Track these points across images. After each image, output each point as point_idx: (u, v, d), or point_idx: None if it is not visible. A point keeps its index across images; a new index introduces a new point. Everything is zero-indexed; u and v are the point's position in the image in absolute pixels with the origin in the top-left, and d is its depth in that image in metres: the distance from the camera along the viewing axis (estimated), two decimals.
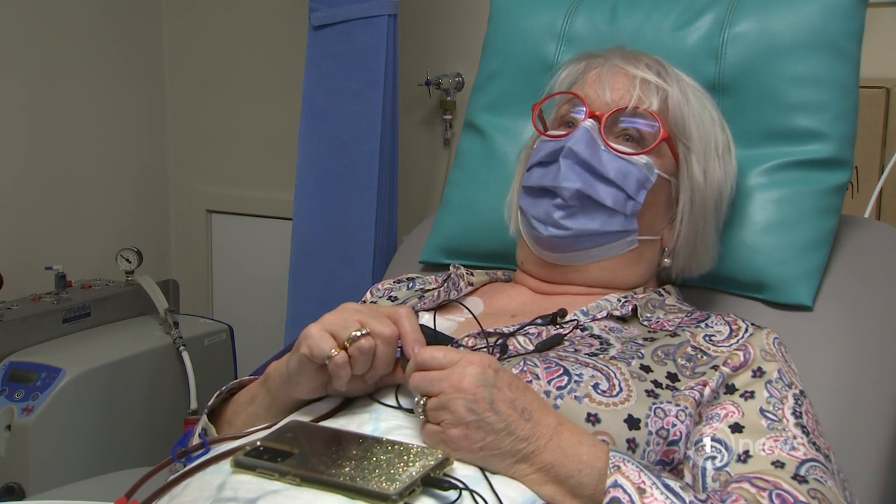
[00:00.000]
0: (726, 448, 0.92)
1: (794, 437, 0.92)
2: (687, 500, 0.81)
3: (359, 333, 0.87)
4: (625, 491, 0.80)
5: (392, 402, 0.91)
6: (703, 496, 0.83)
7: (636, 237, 1.13)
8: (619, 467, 0.82)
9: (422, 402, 0.84)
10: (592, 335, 1.03)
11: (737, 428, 0.94)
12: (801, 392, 0.99)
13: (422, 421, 0.85)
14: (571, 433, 0.85)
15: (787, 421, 0.94)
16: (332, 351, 0.87)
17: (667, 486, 0.82)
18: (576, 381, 0.92)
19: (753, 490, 0.86)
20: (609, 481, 0.81)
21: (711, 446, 0.92)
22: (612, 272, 1.13)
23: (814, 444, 0.93)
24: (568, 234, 1.10)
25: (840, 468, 0.95)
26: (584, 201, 1.09)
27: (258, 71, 2.41)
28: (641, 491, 0.80)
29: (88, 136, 2.32)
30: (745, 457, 0.91)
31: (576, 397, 0.90)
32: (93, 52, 2.31)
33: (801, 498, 0.85)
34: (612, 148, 1.11)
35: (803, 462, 0.90)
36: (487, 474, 0.82)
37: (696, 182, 1.15)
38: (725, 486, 0.88)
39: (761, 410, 0.95)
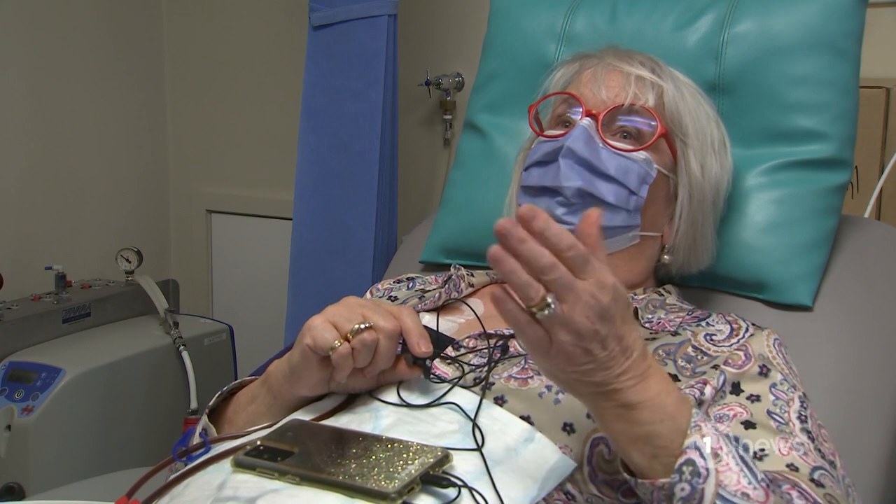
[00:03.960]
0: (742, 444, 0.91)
1: (802, 444, 0.92)
2: (759, 476, 0.78)
3: (362, 326, 0.88)
4: (701, 454, 0.76)
5: (393, 398, 0.91)
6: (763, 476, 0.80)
7: (638, 232, 1.13)
8: (699, 427, 0.78)
9: (551, 301, 0.74)
10: None
11: (749, 425, 0.93)
12: (804, 395, 0.99)
13: (527, 319, 0.75)
14: (658, 381, 0.80)
15: (794, 425, 0.94)
16: (336, 342, 0.87)
17: (742, 458, 0.78)
18: None
19: (785, 485, 0.85)
20: (688, 441, 0.77)
21: None
22: (613, 268, 1.11)
23: (818, 450, 0.93)
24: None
25: (845, 473, 0.95)
26: (587, 199, 1.09)
27: (258, 71, 2.41)
28: (717, 457, 0.77)
29: (88, 137, 2.32)
30: (761, 454, 0.91)
31: None
32: (93, 52, 2.31)
33: (820, 501, 0.85)
34: (610, 145, 1.10)
35: (814, 469, 0.90)
36: (490, 471, 0.81)
37: (694, 177, 1.15)
38: None
39: (769, 412, 0.95)
